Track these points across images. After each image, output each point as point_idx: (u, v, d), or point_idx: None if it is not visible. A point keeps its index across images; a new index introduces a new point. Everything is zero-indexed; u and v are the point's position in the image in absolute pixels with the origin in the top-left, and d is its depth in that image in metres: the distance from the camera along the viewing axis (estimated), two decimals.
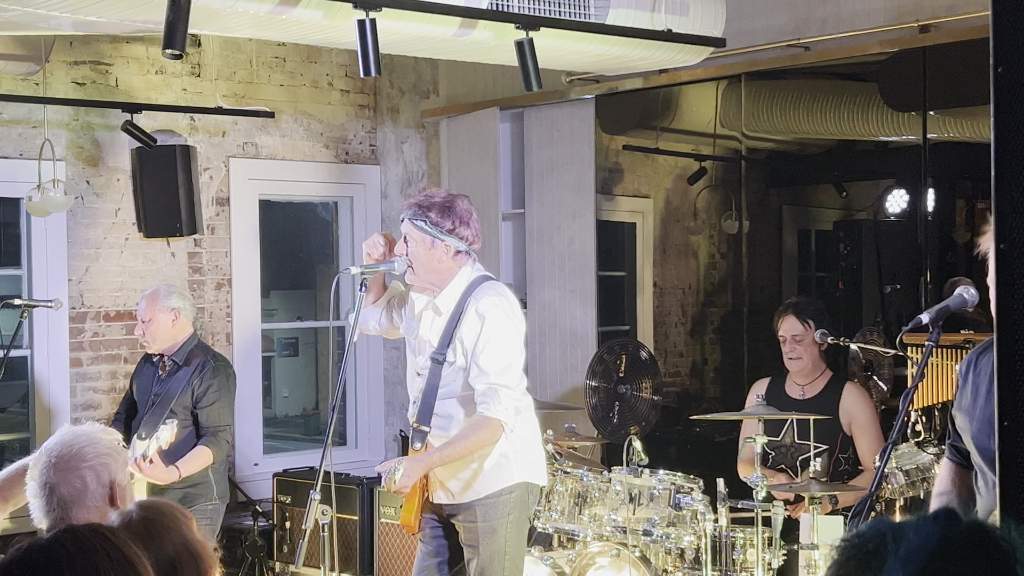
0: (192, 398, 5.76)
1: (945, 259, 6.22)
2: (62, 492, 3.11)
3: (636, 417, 6.19)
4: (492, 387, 4.48)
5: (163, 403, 5.74)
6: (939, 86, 5.97)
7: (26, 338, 7.00)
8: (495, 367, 4.50)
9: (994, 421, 3.22)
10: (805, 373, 5.70)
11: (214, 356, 5.96)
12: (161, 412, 5.67)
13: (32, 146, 6.93)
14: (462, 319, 4.57)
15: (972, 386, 3.34)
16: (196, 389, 5.75)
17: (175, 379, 5.83)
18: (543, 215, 7.47)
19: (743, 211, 6.94)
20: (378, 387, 8.38)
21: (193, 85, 7.60)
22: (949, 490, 3.53)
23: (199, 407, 5.75)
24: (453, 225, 4.58)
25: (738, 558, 5.03)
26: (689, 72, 6.60)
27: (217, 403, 5.78)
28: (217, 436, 5.73)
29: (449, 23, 5.04)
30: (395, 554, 6.72)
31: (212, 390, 5.77)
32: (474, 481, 4.61)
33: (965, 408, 3.37)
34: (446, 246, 4.60)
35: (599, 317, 7.25)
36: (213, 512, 5.83)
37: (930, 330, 3.37)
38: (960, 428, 3.43)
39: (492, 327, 4.52)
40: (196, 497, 5.74)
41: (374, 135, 8.39)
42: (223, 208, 7.70)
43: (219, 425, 5.77)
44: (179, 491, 5.66)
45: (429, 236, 4.59)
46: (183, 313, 5.91)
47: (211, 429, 5.73)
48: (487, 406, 4.47)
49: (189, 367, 5.82)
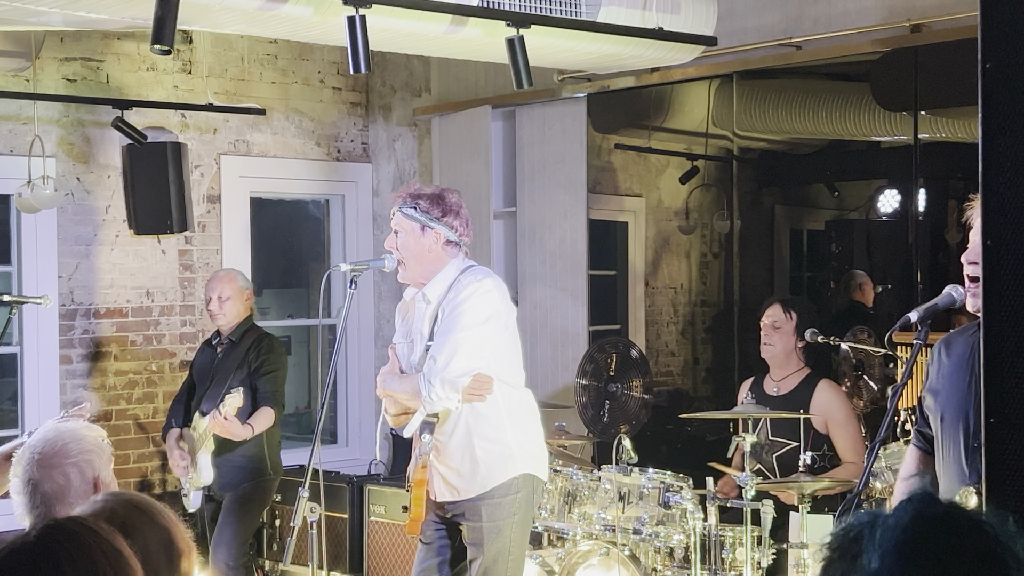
0: (249, 370, 6.22)
1: (936, 259, 6.21)
2: (45, 489, 3.09)
3: (626, 416, 6.18)
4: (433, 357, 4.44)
5: (222, 377, 6.21)
6: (931, 86, 5.97)
7: (16, 335, 6.99)
8: (448, 332, 4.46)
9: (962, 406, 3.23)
10: (778, 365, 5.71)
11: (267, 334, 6.44)
12: (221, 386, 6.14)
13: (22, 142, 6.92)
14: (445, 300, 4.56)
15: (946, 366, 3.34)
16: (253, 362, 6.23)
17: (232, 356, 6.28)
18: (535, 214, 7.47)
19: (735, 210, 6.93)
20: (369, 386, 8.35)
21: (184, 82, 7.59)
22: (915, 474, 3.53)
23: (258, 376, 6.22)
24: (443, 212, 4.58)
25: (727, 557, 5.02)
26: (681, 71, 6.60)
27: (274, 372, 6.27)
28: (276, 399, 6.22)
29: (439, 20, 5.03)
30: (385, 552, 6.71)
31: (268, 362, 6.25)
32: (477, 474, 4.56)
33: (935, 387, 3.37)
34: (436, 234, 4.59)
35: (590, 316, 7.24)
36: (268, 485, 6.31)
37: (918, 329, 3.37)
38: (928, 409, 3.43)
39: (462, 297, 4.49)
40: (255, 472, 6.21)
41: (366, 133, 8.38)
42: (214, 206, 7.68)
43: (277, 390, 6.26)
44: (241, 465, 6.16)
45: (419, 223, 4.58)
46: (252, 297, 6.49)
47: (270, 393, 6.21)
48: (423, 377, 4.46)
49: (244, 344, 6.28)
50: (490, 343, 4.53)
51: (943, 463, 3.36)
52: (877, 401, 5.74)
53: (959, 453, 3.26)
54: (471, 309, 4.48)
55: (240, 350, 6.28)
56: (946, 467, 3.33)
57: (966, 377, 3.29)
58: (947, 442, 3.32)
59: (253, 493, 6.22)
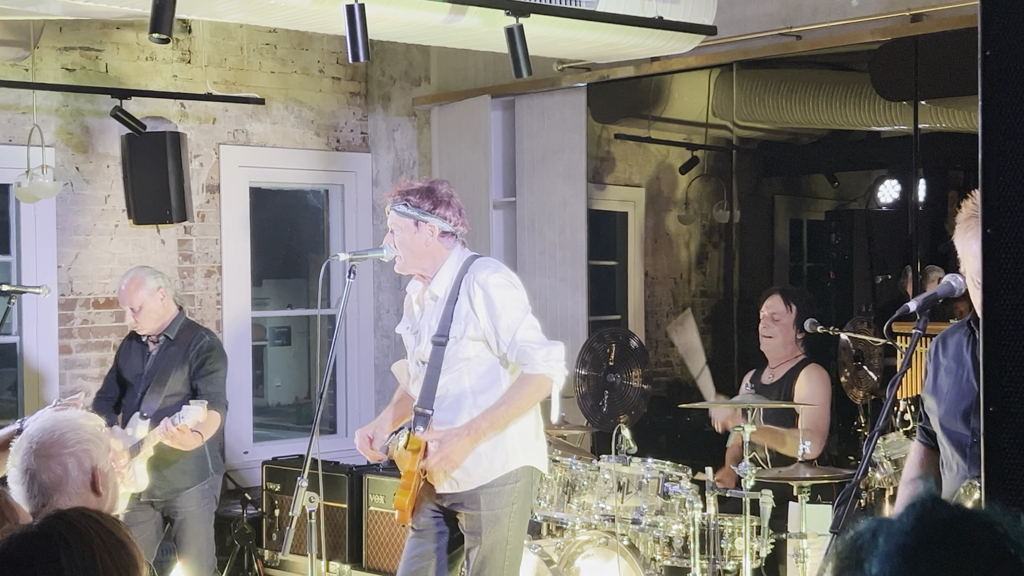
0: (190, 371, 5.87)
1: (936, 249, 6.21)
2: (43, 479, 3.09)
3: (625, 406, 6.18)
4: (522, 348, 4.46)
5: (161, 379, 5.84)
6: (931, 75, 5.96)
7: (15, 324, 6.99)
8: (515, 328, 4.49)
9: (960, 404, 3.23)
10: (776, 355, 5.76)
11: (206, 331, 6.06)
12: (161, 386, 5.79)
13: (21, 132, 6.91)
14: (460, 297, 4.56)
15: (941, 368, 3.34)
16: (193, 362, 5.86)
17: (169, 355, 5.90)
18: (534, 204, 7.46)
19: (734, 201, 6.93)
20: (368, 376, 8.37)
21: (183, 71, 7.58)
22: (918, 476, 3.53)
23: (199, 377, 5.86)
24: (434, 205, 4.59)
25: (726, 546, 5.02)
26: (681, 60, 6.59)
27: (216, 373, 5.91)
28: (219, 402, 5.84)
29: (439, 9, 5.02)
30: (384, 542, 6.72)
31: (210, 361, 5.89)
32: (477, 467, 4.56)
33: (933, 389, 3.37)
34: (430, 227, 4.59)
35: (590, 306, 7.24)
36: (212, 484, 5.94)
37: (917, 318, 3.36)
38: (928, 410, 3.43)
39: (497, 294, 4.51)
40: (197, 475, 5.84)
41: (365, 123, 8.37)
42: (213, 195, 7.67)
43: (220, 391, 5.90)
44: (184, 468, 5.78)
45: (411, 218, 4.58)
46: (167, 291, 5.98)
47: (213, 395, 5.83)
48: (526, 366, 4.47)
49: (182, 343, 5.90)
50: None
51: (945, 460, 3.36)
52: (876, 391, 5.73)
53: (958, 451, 3.26)
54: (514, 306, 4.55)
55: (179, 348, 5.89)
56: (948, 464, 3.33)
57: (962, 373, 3.29)
58: (947, 439, 3.32)
59: (202, 499, 5.88)
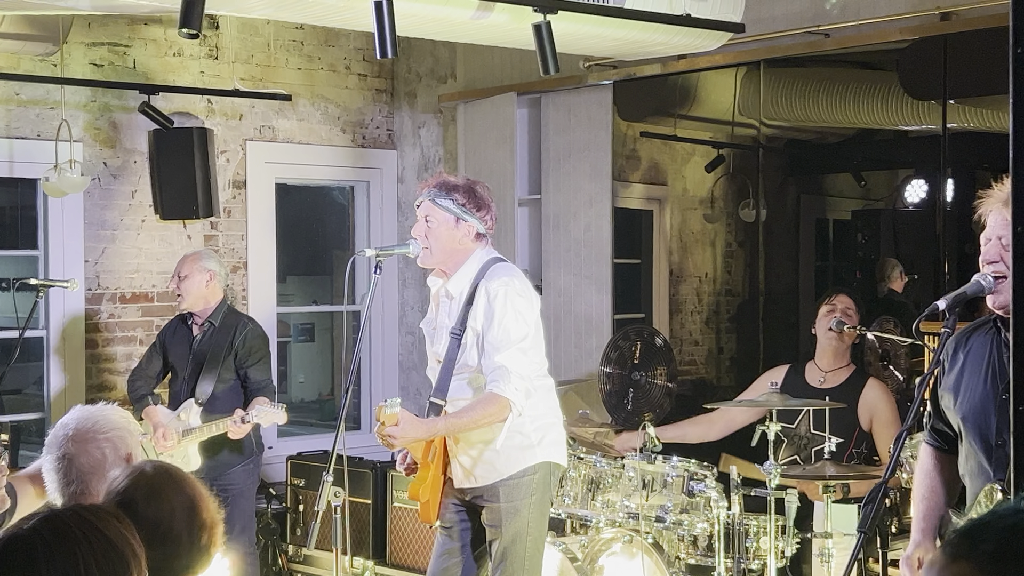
0: (236, 359, 6.14)
1: (963, 249, 6.17)
2: (81, 462, 3.12)
3: (650, 404, 6.17)
4: (502, 367, 4.46)
5: (211, 365, 6.11)
6: (959, 75, 5.92)
7: (42, 319, 7.02)
8: (503, 347, 4.49)
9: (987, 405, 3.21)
10: (834, 355, 5.64)
11: (249, 319, 6.36)
12: (212, 375, 6.08)
13: (49, 127, 6.94)
14: (476, 301, 4.57)
15: (963, 364, 3.32)
16: (239, 350, 6.14)
17: (215, 341, 6.16)
18: (559, 201, 7.45)
19: (760, 199, 6.90)
20: (393, 372, 8.38)
21: (211, 68, 7.60)
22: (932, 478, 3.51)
23: (247, 365, 6.15)
24: (477, 207, 4.64)
25: (751, 545, 5.01)
26: (708, 58, 6.57)
27: (263, 360, 6.22)
28: (270, 388, 6.16)
29: (466, 5, 5.02)
30: (408, 538, 6.72)
31: (256, 349, 6.18)
32: (497, 462, 4.59)
33: (953, 386, 3.34)
34: (469, 227, 4.62)
35: (615, 304, 7.23)
36: (256, 462, 6.25)
37: (946, 317, 3.34)
38: (946, 407, 3.40)
39: (499, 307, 4.52)
40: (243, 454, 6.13)
41: (391, 119, 8.38)
42: (240, 191, 7.70)
43: (268, 378, 6.22)
44: (232, 447, 6.06)
45: (453, 215, 4.61)
46: (217, 277, 6.24)
47: (262, 383, 6.15)
48: (496, 384, 4.46)
49: (227, 330, 6.17)
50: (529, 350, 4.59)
51: (967, 463, 3.34)
52: (903, 391, 5.70)
53: (983, 451, 3.24)
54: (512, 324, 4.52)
55: (223, 335, 6.17)
56: (970, 466, 3.31)
57: (986, 375, 3.27)
58: (970, 442, 3.30)
59: (247, 477, 6.18)
